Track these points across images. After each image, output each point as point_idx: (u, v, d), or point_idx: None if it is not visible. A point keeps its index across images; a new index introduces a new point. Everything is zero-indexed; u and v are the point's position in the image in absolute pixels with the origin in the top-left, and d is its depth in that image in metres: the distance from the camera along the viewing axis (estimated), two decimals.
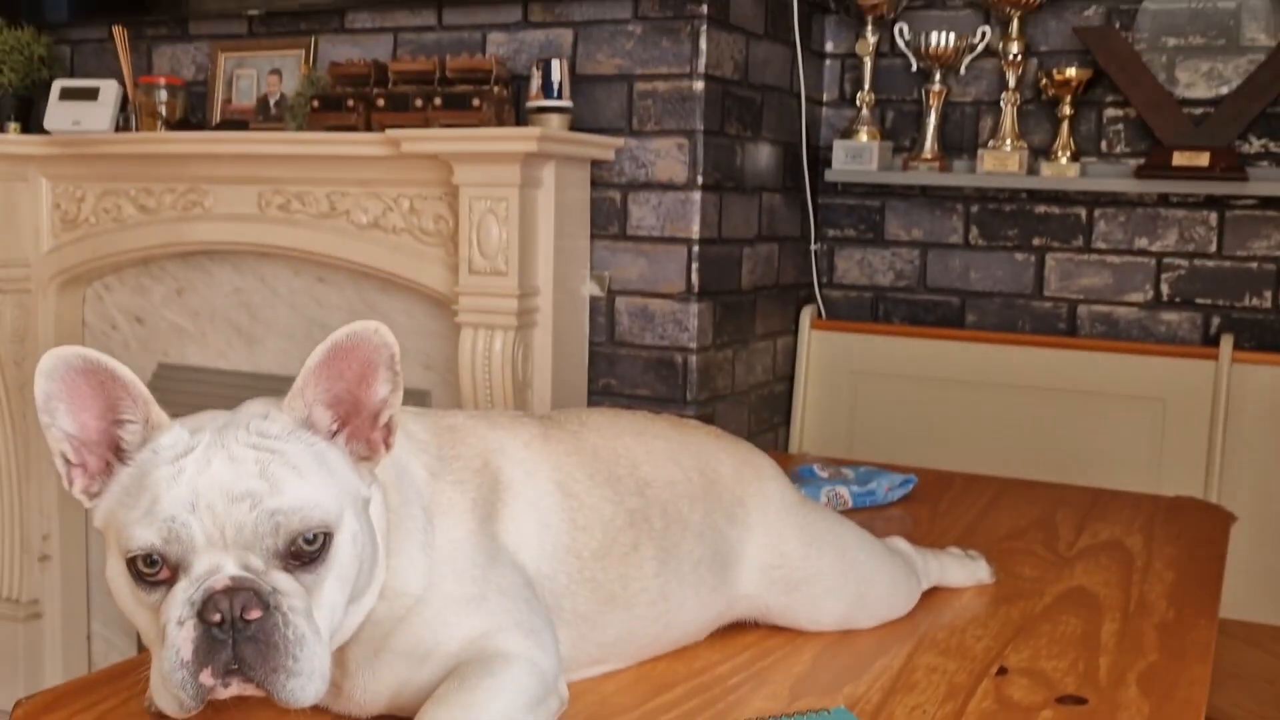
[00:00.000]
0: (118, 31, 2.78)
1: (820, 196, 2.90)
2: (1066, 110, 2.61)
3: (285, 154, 2.49)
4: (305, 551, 0.84)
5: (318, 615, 0.85)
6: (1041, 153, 2.68)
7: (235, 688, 0.81)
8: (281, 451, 0.86)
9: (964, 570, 1.40)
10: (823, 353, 2.87)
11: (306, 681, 0.82)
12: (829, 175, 2.79)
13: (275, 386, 2.59)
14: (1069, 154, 2.62)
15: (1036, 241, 2.75)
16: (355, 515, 0.88)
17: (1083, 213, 2.70)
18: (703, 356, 2.45)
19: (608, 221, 2.46)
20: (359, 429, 0.91)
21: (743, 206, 2.56)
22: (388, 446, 0.92)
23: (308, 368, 0.88)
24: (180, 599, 0.81)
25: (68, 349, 0.86)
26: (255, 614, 0.80)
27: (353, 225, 2.51)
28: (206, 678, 0.80)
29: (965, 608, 1.35)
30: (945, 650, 1.21)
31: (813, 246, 2.90)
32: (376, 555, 0.92)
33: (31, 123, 2.87)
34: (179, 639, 0.80)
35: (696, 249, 2.40)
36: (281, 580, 0.83)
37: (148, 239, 2.73)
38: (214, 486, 0.83)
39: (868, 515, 1.70)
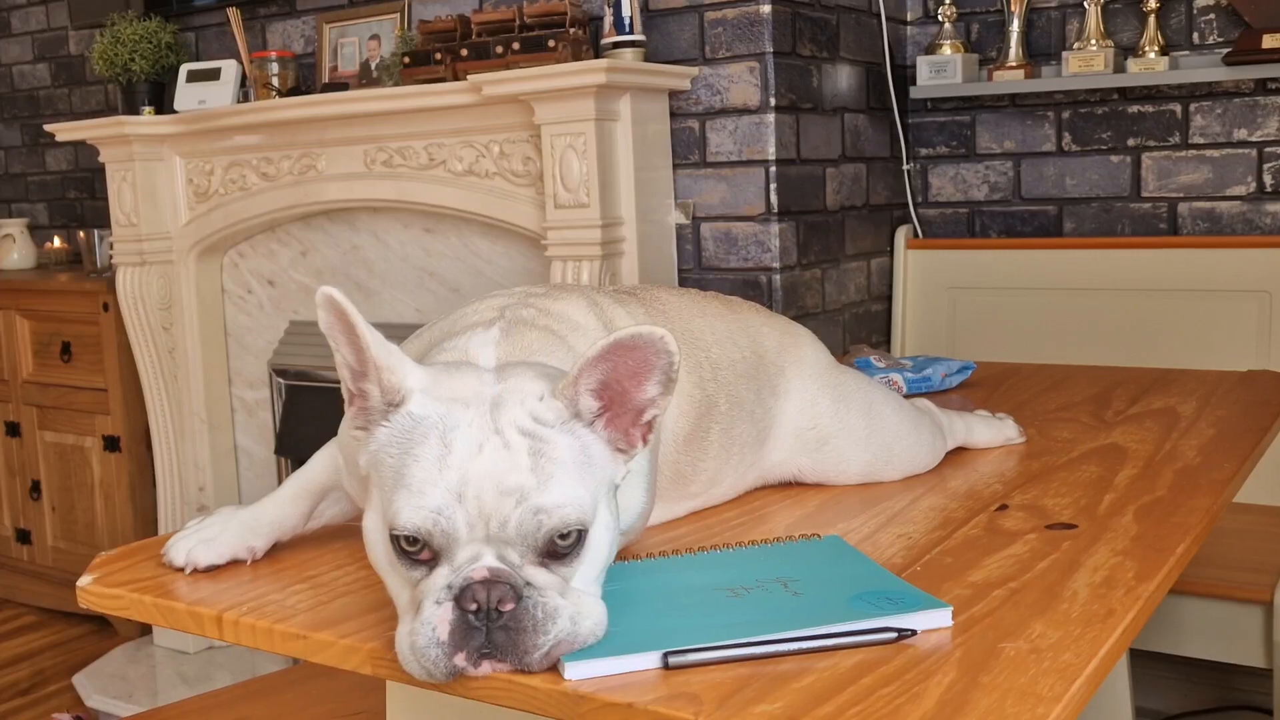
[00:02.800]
0: (233, 14, 2.98)
1: (910, 116, 2.90)
2: (1152, 4, 2.55)
3: (383, 110, 2.63)
4: (560, 547, 0.85)
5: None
6: (1130, 51, 2.63)
7: (486, 668, 0.83)
8: (552, 443, 0.87)
9: (990, 429, 1.44)
10: (920, 271, 2.88)
11: (555, 649, 0.83)
12: (915, 92, 2.80)
13: (395, 334, 2.75)
14: (1157, 48, 2.56)
15: (1131, 142, 2.70)
16: (606, 505, 0.90)
17: (1177, 108, 2.64)
18: (787, 275, 2.50)
19: (688, 151, 2.53)
20: (619, 419, 0.92)
21: (822, 127, 2.59)
22: (644, 443, 0.93)
23: (586, 358, 0.88)
24: (439, 584, 0.84)
25: (326, 290, 0.88)
26: (509, 606, 0.82)
27: (450, 174, 2.64)
28: (460, 659, 0.83)
29: (989, 463, 1.38)
30: (954, 495, 1.26)
31: (905, 166, 2.90)
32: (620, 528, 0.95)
33: (164, 106, 3.11)
34: (435, 618, 0.83)
35: (774, 170, 2.45)
36: (536, 574, 0.85)
37: (271, 204, 2.93)
38: (485, 476, 0.85)
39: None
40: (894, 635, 0.86)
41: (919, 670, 0.82)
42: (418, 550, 0.86)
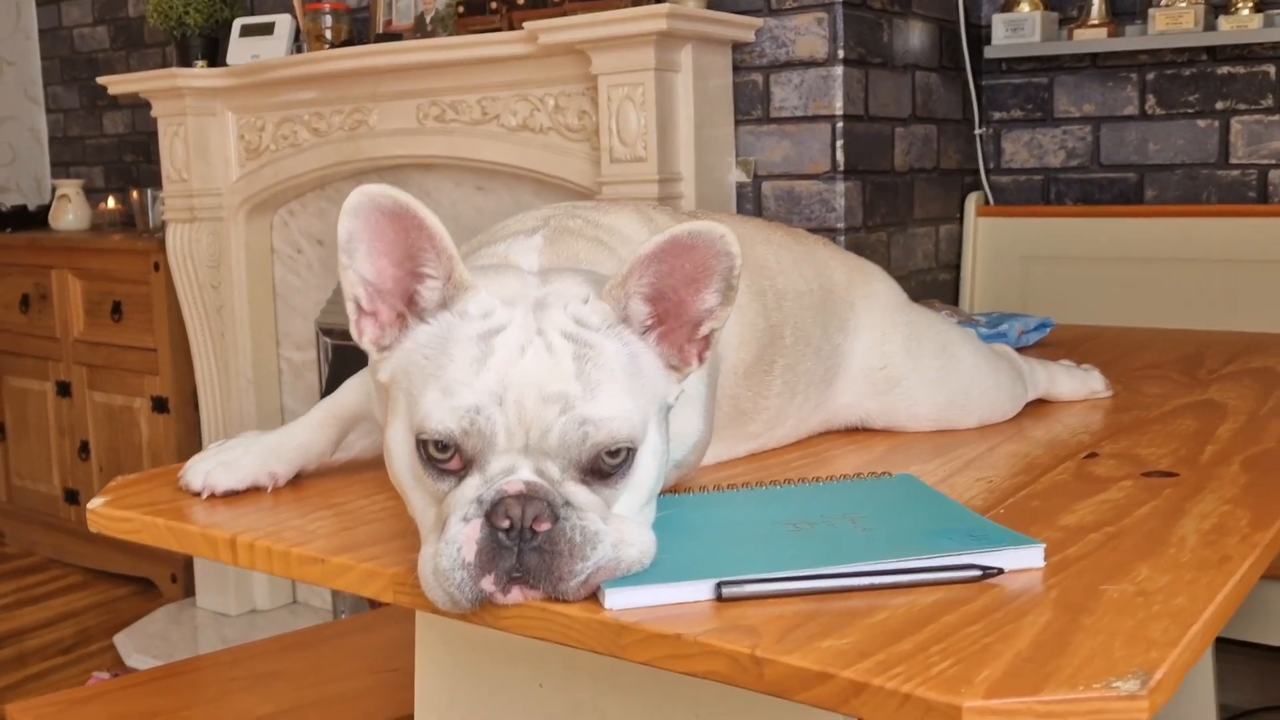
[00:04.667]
0: None
1: (984, 78, 2.78)
2: None
3: (436, 61, 2.56)
4: (605, 465, 0.77)
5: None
6: (1222, 8, 2.48)
7: (516, 595, 0.74)
8: (599, 349, 0.79)
9: (1075, 380, 1.33)
10: (991, 240, 2.75)
11: (594, 576, 0.74)
12: (989, 52, 2.67)
13: None
14: (1251, 5, 2.42)
15: (1220, 105, 2.55)
16: (657, 426, 0.81)
17: (1271, 70, 2.49)
18: (852, 237, 2.39)
19: (751, 106, 2.43)
20: (674, 333, 0.83)
21: (893, 84, 2.48)
22: (700, 360, 0.84)
23: (637, 257, 0.79)
24: (469, 496, 0.75)
25: (378, 187, 0.79)
26: (545, 525, 0.73)
27: (503, 129, 2.56)
28: (487, 583, 0.74)
29: (1073, 415, 1.27)
30: (1037, 443, 1.15)
31: (977, 131, 2.78)
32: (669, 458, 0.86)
33: (218, 60, 3.06)
34: (461, 536, 0.74)
35: (840, 126, 2.34)
36: (577, 493, 0.76)
37: (321, 160, 2.86)
38: (527, 380, 0.76)
39: None
40: (978, 573, 0.76)
41: (1009, 609, 0.71)
42: (447, 458, 0.77)
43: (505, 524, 0.73)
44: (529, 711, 0.99)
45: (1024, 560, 0.78)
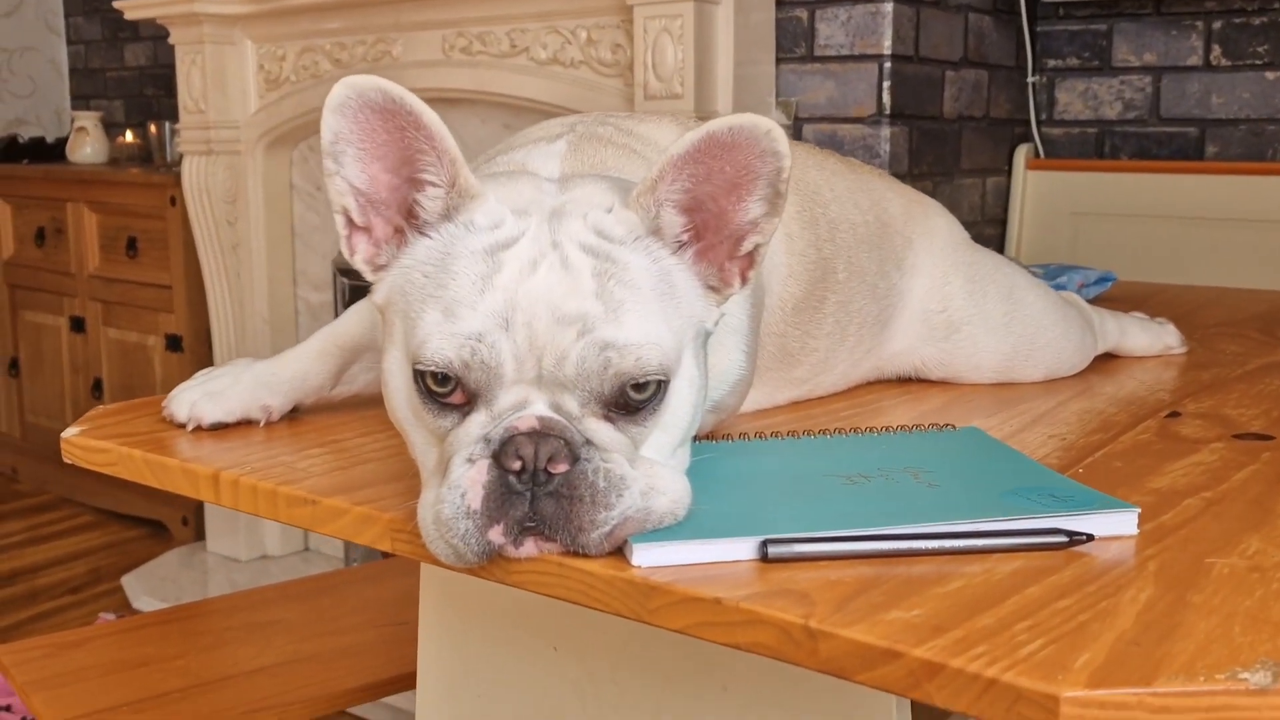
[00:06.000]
0: None
1: (1039, 23, 2.64)
2: None
3: None
4: (633, 400, 0.67)
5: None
6: None
7: (530, 548, 0.65)
8: (624, 264, 0.68)
9: (1148, 334, 1.21)
10: (1040, 194, 2.62)
11: (620, 529, 0.64)
12: None
13: None
14: None
15: None
16: (694, 356, 0.71)
17: None
18: None
19: (794, 44, 2.30)
20: (713, 249, 0.72)
21: (945, 24, 2.35)
22: (744, 281, 0.73)
23: (670, 156, 0.68)
24: (474, 434, 0.66)
25: (366, 78, 0.69)
26: (562, 467, 0.64)
27: (533, 62, 2.44)
28: (496, 534, 0.64)
29: (1146, 371, 1.16)
30: (1111, 400, 1.04)
31: (1029, 79, 2.64)
32: (708, 390, 0.76)
33: None
34: (466, 480, 0.64)
35: (888, 66, 2.21)
36: (599, 430, 0.66)
37: None
38: (538, 300, 0.66)
39: None
40: (1065, 539, 0.65)
41: (1104, 582, 0.61)
42: (448, 391, 0.67)
43: (516, 465, 0.63)
44: (540, 677, 0.89)
45: (1116, 526, 0.68)
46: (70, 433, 0.90)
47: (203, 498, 0.81)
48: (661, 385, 0.67)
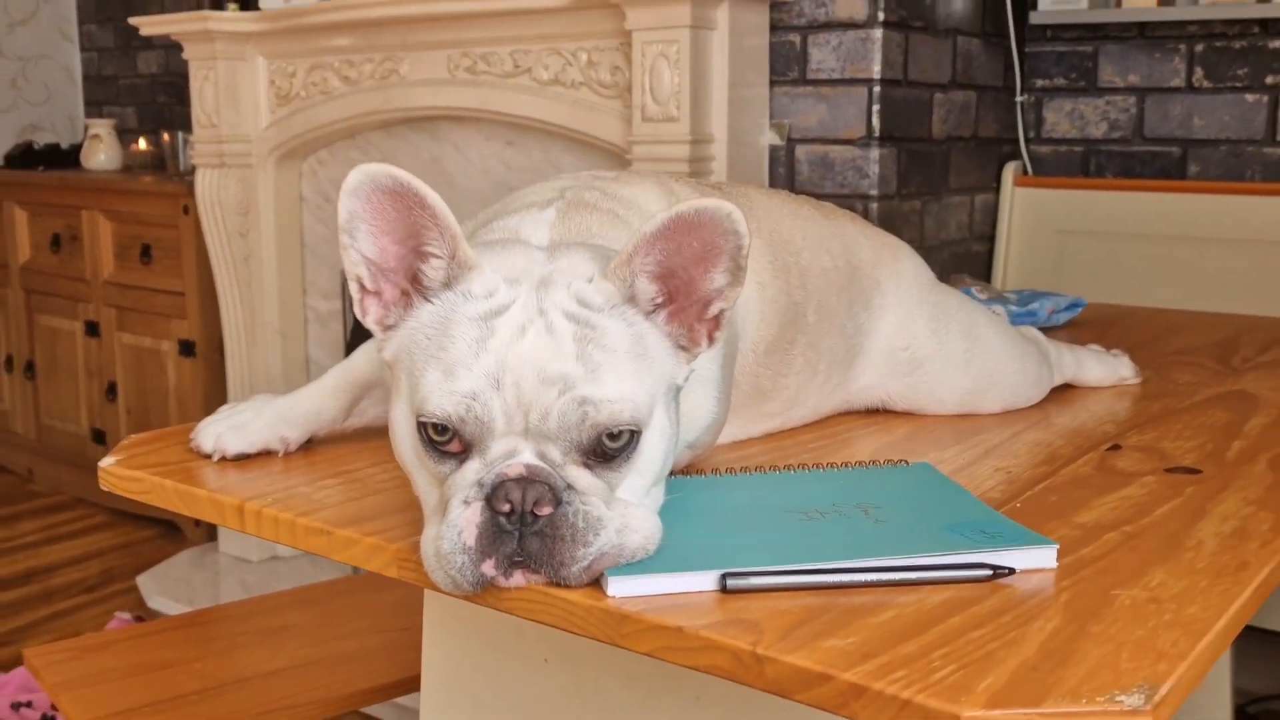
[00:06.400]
0: None
1: (1027, 44, 2.72)
2: None
3: (469, 11, 2.53)
4: (608, 448, 0.75)
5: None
6: None
7: (519, 579, 0.73)
8: (602, 330, 0.77)
9: (1103, 366, 1.30)
10: (1027, 211, 2.71)
11: (597, 563, 0.73)
12: (1035, 18, 2.61)
13: None
14: None
15: (1270, 80, 2.49)
16: (665, 408, 0.80)
17: None
18: (885, 205, 2.35)
19: (787, 67, 2.39)
20: (683, 312, 0.81)
21: (932, 49, 2.43)
22: (710, 341, 0.82)
23: (642, 234, 0.77)
24: (469, 479, 0.75)
25: (377, 166, 0.78)
26: (546, 510, 0.72)
27: (535, 83, 2.53)
28: (489, 567, 0.73)
29: (1100, 402, 1.25)
30: (1060, 432, 1.13)
31: (1018, 98, 2.72)
32: (679, 440, 0.85)
33: (250, 4, 3.03)
34: (462, 520, 0.73)
35: (878, 90, 2.30)
36: (579, 476, 0.75)
37: (351, 109, 2.84)
38: (526, 362, 0.75)
39: None
40: (989, 573, 0.74)
41: (1017, 613, 0.70)
42: (447, 440, 0.76)
43: (505, 508, 0.72)
44: (533, 685, 0.98)
45: (1036, 560, 0.76)
46: (107, 462, 1.00)
47: (229, 526, 0.90)
48: (634, 435, 0.76)
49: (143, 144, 3.93)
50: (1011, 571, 0.75)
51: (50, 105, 4.46)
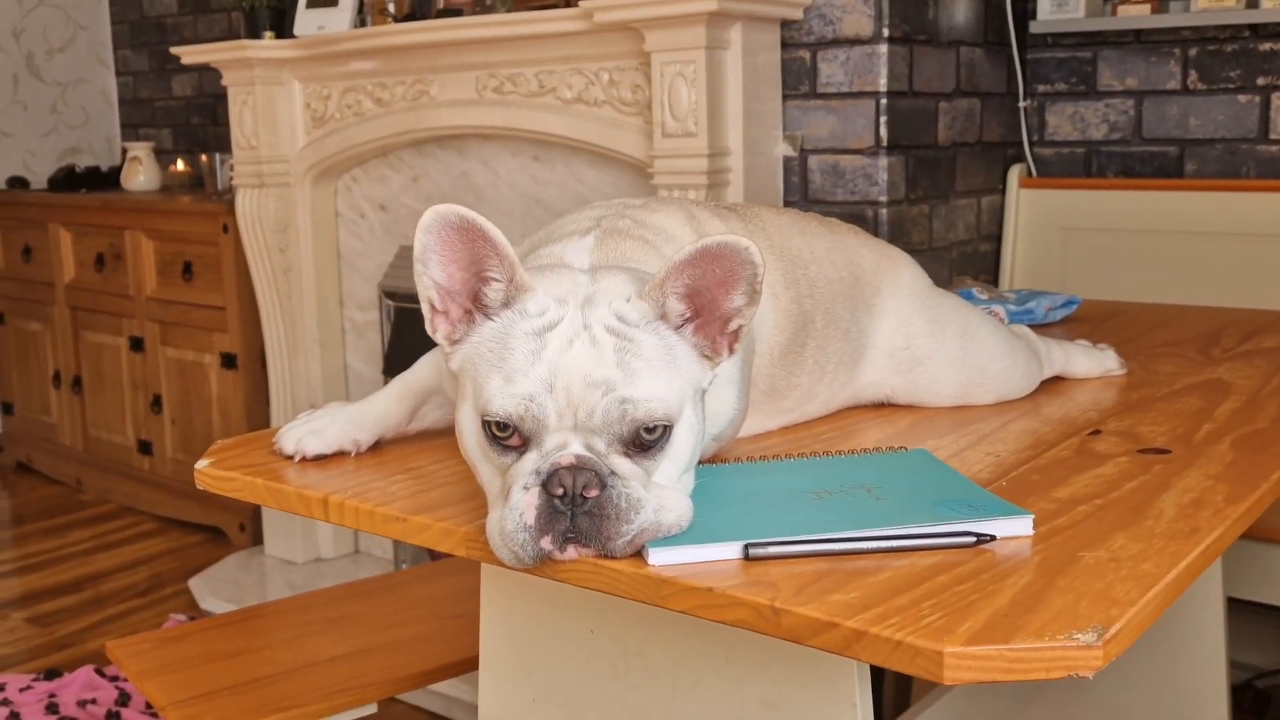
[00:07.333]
0: None
1: (1028, 51, 2.84)
2: None
3: (494, 36, 2.66)
4: (645, 440, 0.88)
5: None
6: None
7: (572, 552, 0.86)
8: (638, 342, 0.90)
9: (1090, 359, 1.42)
10: (1032, 211, 2.82)
11: (639, 538, 0.86)
12: (1035, 27, 2.73)
13: None
14: None
15: (1261, 81, 2.60)
16: (693, 407, 0.93)
17: None
18: (894, 210, 2.47)
19: (798, 82, 2.52)
20: (708, 326, 0.94)
21: (937, 60, 2.55)
22: (731, 351, 0.95)
23: (674, 262, 0.90)
24: (529, 468, 0.87)
25: (447, 207, 0.92)
26: (594, 492, 0.85)
27: (559, 101, 2.66)
28: (546, 543, 0.86)
29: (1086, 392, 1.37)
30: (1048, 420, 1.25)
31: (1021, 103, 2.84)
32: (705, 434, 0.99)
33: (284, 31, 3.18)
34: (523, 503, 0.86)
35: (884, 102, 2.42)
36: (620, 464, 0.87)
37: (384, 129, 2.98)
38: (574, 369, 0.88)
39: None
40: (973, 540, 0.87)
41: (995, 572, 0.83)
42: (508, 436, 0.89)
43: (559, 491, 0.86)
44: (581, 654, 1.11)
45: (1015, 529, 0.89)
46: (202, 464, 1.13)
47: (315, 517, 1.04)
48: (667, 429, 0.90)
49: (181, 165, 4.09)
50: (993, 538, 0.87)
51: (88, 128, 4.63)
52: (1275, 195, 2.56)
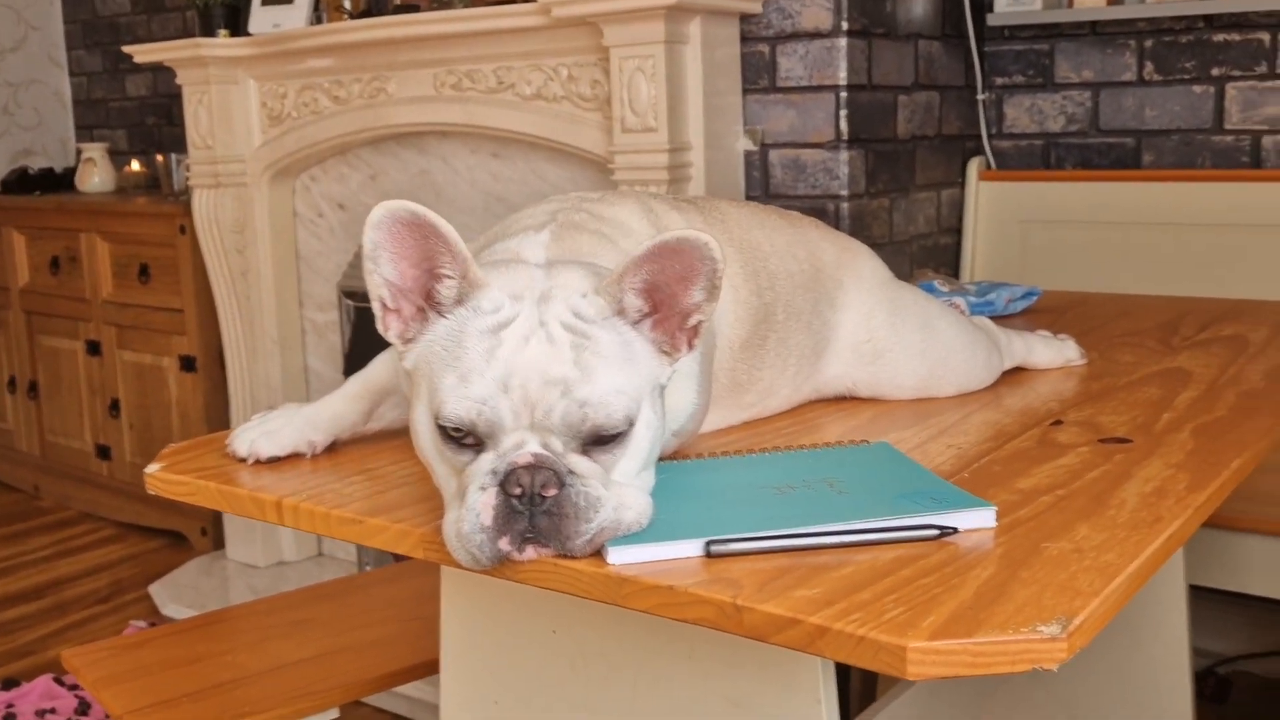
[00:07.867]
0: None
1: (986, 44, 2.84)
2: None
3: (452, 32, 2.64)
4: (604, 437, 0.87)
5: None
6: None
7: (530, 553, 0.85)
8: (595, 339, 0.88)
9: (1051, 350, 1.42)
10: (991, 204, 2.83)
11: (598, 537, 0.85)
12: (992, 19, 2.74)
13: None
14: None
15: (1216, 72, 2.62)
16: (651, 403, 0.91)
17: (1266, 37, 2.56)
18: (855, 204, 2.47)
19: (758, 76, 2.51)
20: (667, 322, 0.92)
21: (895, 53, 2.55)
22: (690, 347, 0.93)
23: (632, 258, 0.88)
24: (485, 468, 0.85)
25: (397, 202, 0.89)
26: (552, 491, 0.83)
27: (518, 98, 2.64)
28: (504, 544, 0.84)
29: (1047, 383, 1.37)
30: (1009, 411, 1.25)
31: (979, 96, 2.85)
32: (665, 429, 0.97)
33: (239, 29, 3.14)
34: (479, 503, 0.84)
35: (844, 95, 2.42)
36: (578, 462, 0.86)
37: (341, 127, 2.95)
38: (530, 367, 0.86)
39: None
40: (935, 532, 0.86)
41: (958, 565, 0.82)
42: (463, 436, 0.88)
43: (517, 491, 0.84)
44: (542, 654, 1.10)
45: (977, 521, 0.89)
46: (153, 469, 1.11)
47: (269, 520, 1.02)
48: (627, 426, 0.88)
49: (136, 166, 4.03)
50: (955, 531, 0.87)
51: (42, 130, 4.56)
52: (1231, 185, 2.58)
